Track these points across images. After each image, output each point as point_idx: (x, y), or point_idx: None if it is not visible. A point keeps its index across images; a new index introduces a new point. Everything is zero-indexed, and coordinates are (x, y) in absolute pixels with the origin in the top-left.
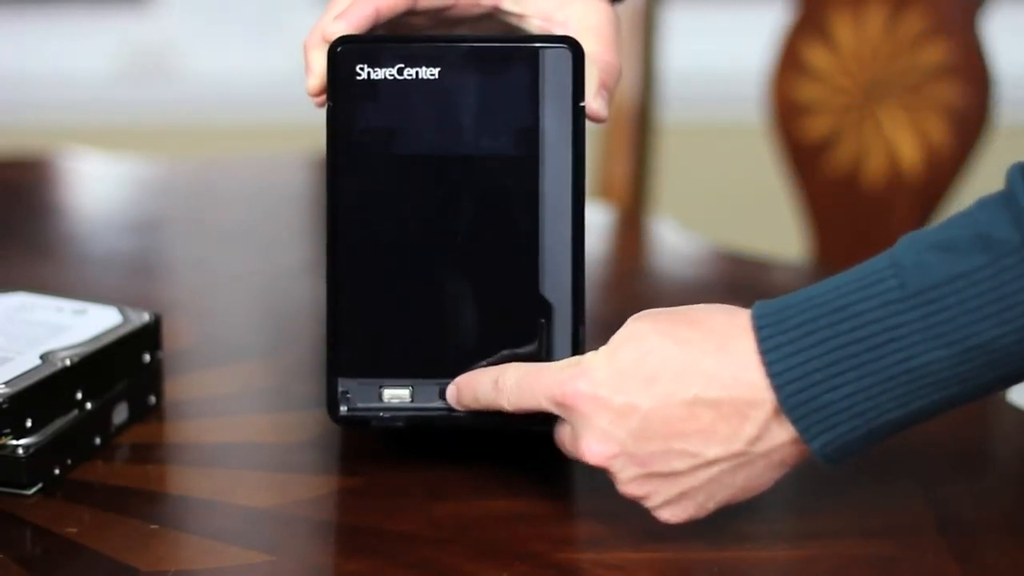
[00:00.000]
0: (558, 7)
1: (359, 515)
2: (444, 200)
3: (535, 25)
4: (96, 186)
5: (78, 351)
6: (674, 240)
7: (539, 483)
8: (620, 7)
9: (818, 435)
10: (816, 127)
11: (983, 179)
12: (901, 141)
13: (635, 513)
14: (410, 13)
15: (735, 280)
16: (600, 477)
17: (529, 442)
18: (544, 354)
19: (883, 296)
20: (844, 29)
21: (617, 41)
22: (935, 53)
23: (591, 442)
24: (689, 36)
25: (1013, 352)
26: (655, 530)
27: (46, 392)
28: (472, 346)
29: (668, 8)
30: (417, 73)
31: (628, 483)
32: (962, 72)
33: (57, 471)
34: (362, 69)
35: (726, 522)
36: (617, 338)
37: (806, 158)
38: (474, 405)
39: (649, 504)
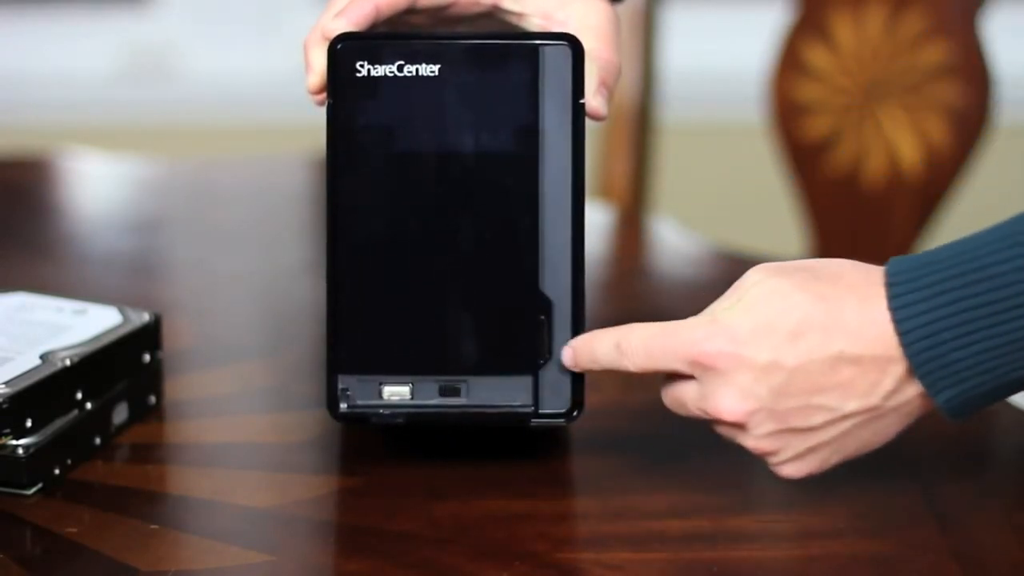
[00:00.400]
0: (558, 6)
1: (359, 515)
2: (444, 197)
3: (535, 23)
4: (96, 186)
5: (78, 351)
6: (674, 240)
7: (539, 483)
8: (620, 7)
9: (943, 390)
10: (816, 127)
11: (983, 179)
12: (901, 141)
13: (636, 514)
14: (410, 11)
15: (735, 280)
16: (601, 478)
17: (529, 442)
18: (546, 352)
19: (1018, 259)
20: (844, 29)
21: (617, 40)
22: (935, 53)
23: (728, 399)
24: (689, 36)
25: None
26: (655, 530)
27: (46, 392)
28: (472, 343)
29: (668, 8)
30: (417, 70)
31: (761, 438)
32: (962, 72)
33: (57, 471)
34: (362, 66)
35: (726, 522)
36: (750, 294)
37: (806, 158)
38: (592, 367)
39: (775, 459)
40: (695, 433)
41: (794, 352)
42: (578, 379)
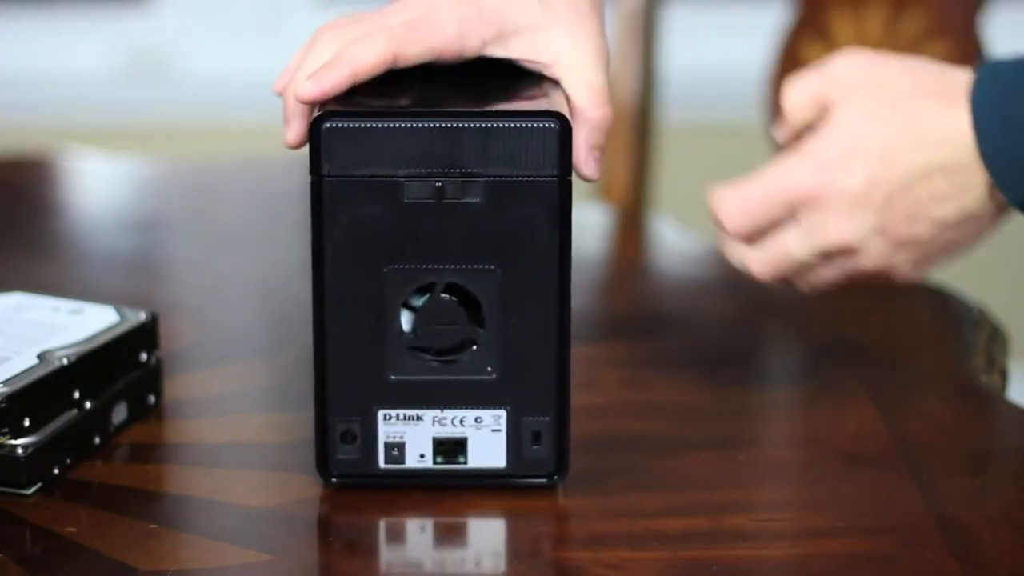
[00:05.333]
0: (543, 50)
1: (359, 515)
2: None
3: (523, 65)
4: (96, 186)
5: (75, 350)
6: (674, 240)
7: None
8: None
9: (1013, 187)
10: None
11: None
12: None
13: (635, 513)
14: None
15: (735, 280)
16: (600, 477)
17: None
18: None
19: None
20: (844, 29)
21: (606, 82)
22: (935, 53)
23: (836, 227)
24: (689, 36)
25: None
26: (654, 529)
27: (44, 391)
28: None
29: (668, 8)
30: None
31: (875, 256)
32: None
33: (56, 471)
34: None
35: (726, 522)
36: (834, 118)
37: None
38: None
39: (895, 272)
40: (695, 433)
41: (885, 169)
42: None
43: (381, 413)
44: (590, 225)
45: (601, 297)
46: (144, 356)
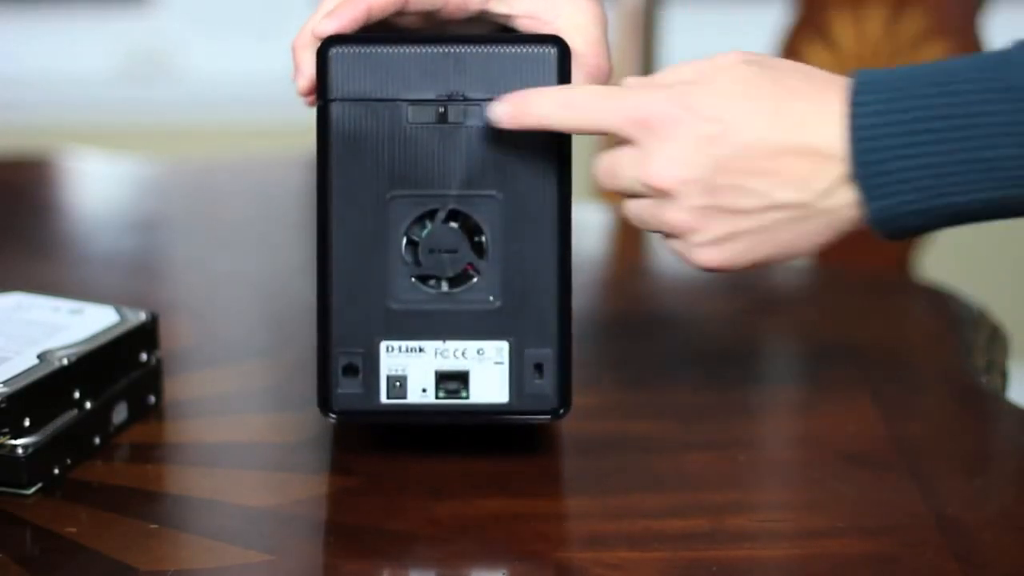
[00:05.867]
0: (546, 7)
1: (359, 515)
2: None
3: (523, 25)
4: (96, 186)
5: (75, 350)
6: None
7: (539, 483)
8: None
9: (878, 199)
10: None
11: None
12: None
13: (635, 513)
14: (400, 13)
15: (735, 280)
16: (600, 477)
17: (529, 442)
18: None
19: (982, 83)
20: (844, 29)
21: (605, 40)
22: (935, 53)
23: (664, 161)
24: (689, 36)
25: None
26: (654, 529)
27: (44, 391)
28: None
29: (668, 8)
30: None
31: (687, 210)
32: None
33: (56, 471)
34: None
35: (726, 522)
36: (712, 69)
37: None
38: (531, 122)
39: (695, 239)
40: (695, 433)
41: (740, 129)
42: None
43: (384, 345)
44: (590, 225)
45: (601, 297)
46: (144, 356)
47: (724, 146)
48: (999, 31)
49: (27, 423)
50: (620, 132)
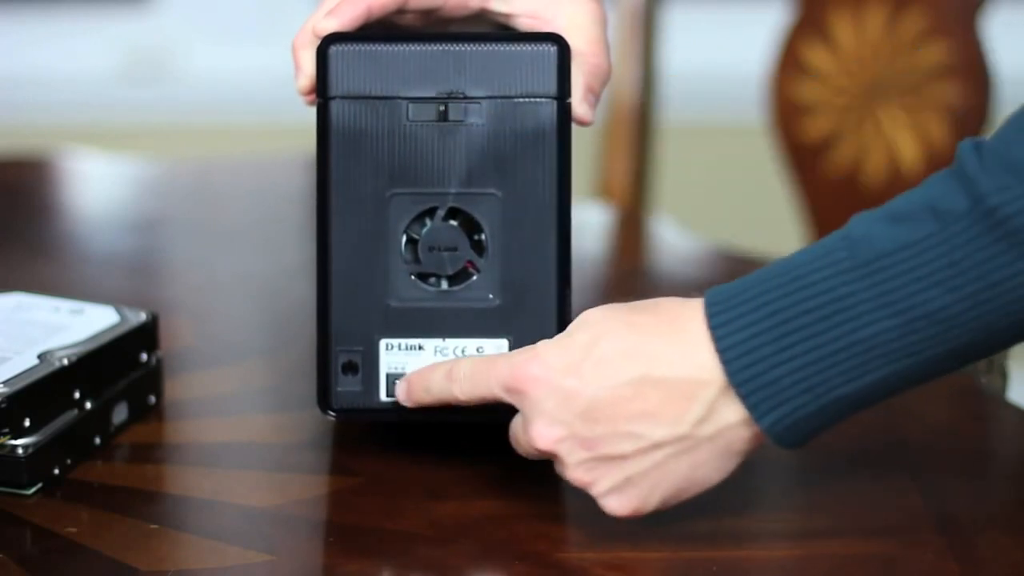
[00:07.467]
0: (546, 6)
1: (359, 515)
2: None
3: (523, 24)
4: (96, 186)
5: (75, 350)
6: (674, 240)
7: (539, 483)
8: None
9: (768, 412)
10: (816, 127)
11: None
12: (901, 141)
13: None
14: (400, 11)
15: None
16: None
17: None
18: None
19: (833, 267)
20: (844, 29)
21: (605, 40)
22: (935, 53)
23: (540, 426)
24: (689, 36)
25: (962, 322)
26: (655, 530)
27: (44, 392)
28: None
29: (668, 8)
30: None
31: (575, 467)
32: (962, 72)
33: (57, 471)
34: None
35: (726, 522)
36: (572, 326)
37: (806, 158)
38: (426, 399)
39: (595, 491)
40: None
41: (596, 377)
42: None
43: (383, 342)
44: (590, 225)
45: (601, 297)
46: (144, 356)
47: (583, 399)
48: (999, 31)
49: (27, 423)
50: (504, 400)
